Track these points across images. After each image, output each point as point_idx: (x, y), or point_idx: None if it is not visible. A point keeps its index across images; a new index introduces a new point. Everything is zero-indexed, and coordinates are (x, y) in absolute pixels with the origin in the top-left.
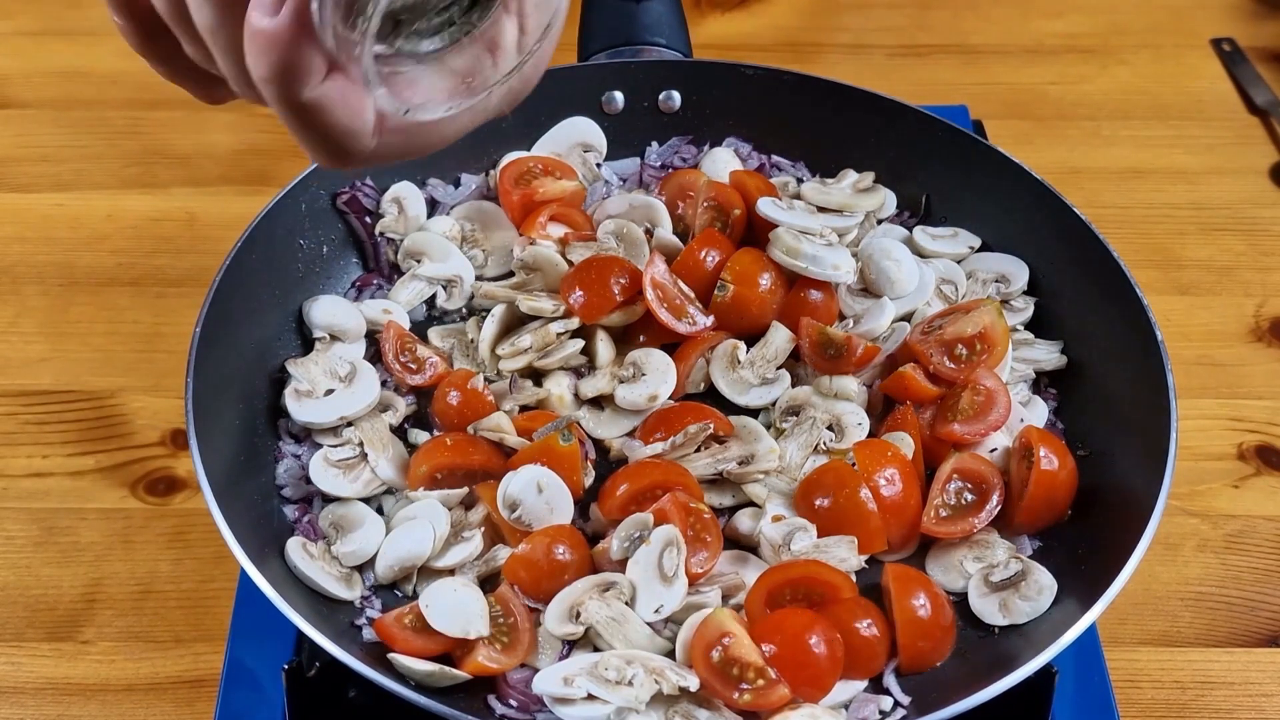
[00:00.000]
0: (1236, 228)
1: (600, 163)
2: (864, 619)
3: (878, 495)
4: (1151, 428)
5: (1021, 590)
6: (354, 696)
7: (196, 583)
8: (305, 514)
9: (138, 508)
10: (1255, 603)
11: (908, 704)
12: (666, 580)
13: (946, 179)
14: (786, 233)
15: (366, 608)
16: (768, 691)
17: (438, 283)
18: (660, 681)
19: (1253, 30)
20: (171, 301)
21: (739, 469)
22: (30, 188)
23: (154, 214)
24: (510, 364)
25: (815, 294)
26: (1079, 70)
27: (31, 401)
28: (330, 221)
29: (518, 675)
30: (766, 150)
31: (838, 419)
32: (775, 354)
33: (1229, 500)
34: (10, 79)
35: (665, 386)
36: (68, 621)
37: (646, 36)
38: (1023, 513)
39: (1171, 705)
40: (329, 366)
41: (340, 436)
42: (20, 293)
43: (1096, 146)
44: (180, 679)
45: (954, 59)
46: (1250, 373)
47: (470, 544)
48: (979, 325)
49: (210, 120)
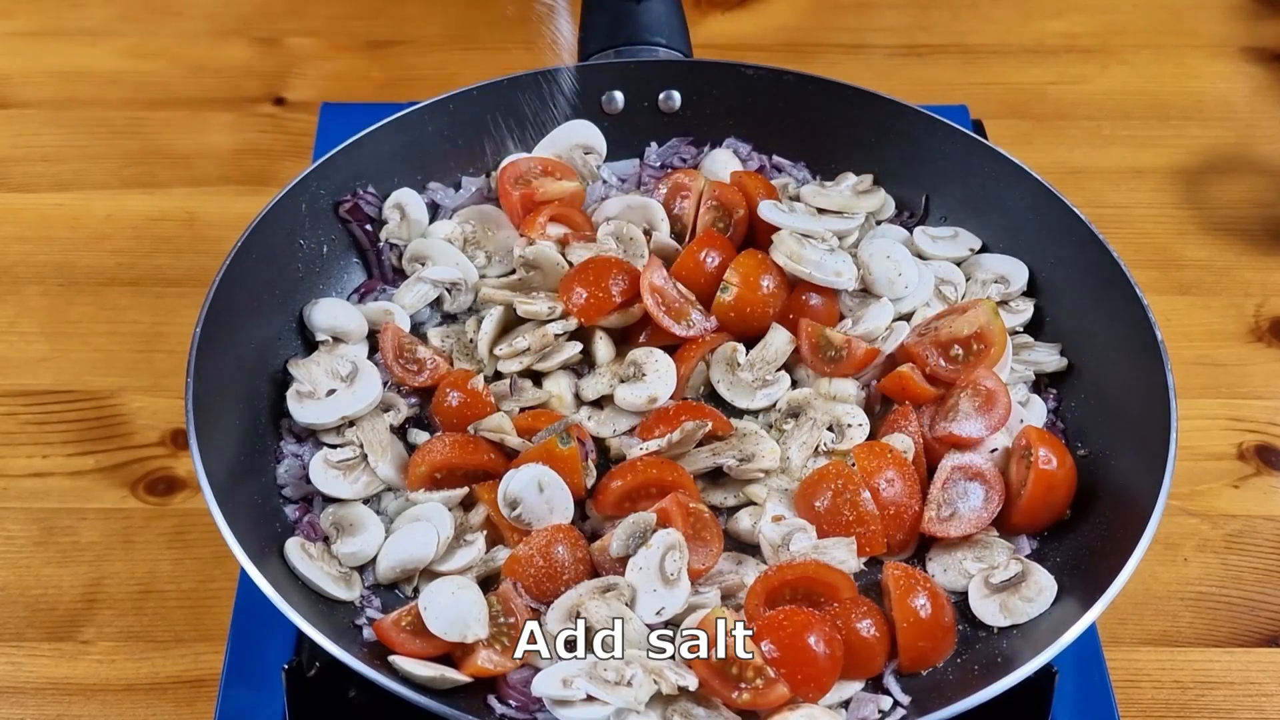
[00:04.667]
0: (1236, 228)
1: (600, 164)
2: (864, 619)
3: (877, 497)
4: (1151, 428)
5: (1021, 591)
6: (354, 696)
7: (196, 583)
8: (305, 514)
9: (138, 508)
10: (1255, 603)
11: (907, 704)
12: (669, 583)
13: (946, 179)
14: (790, 236)
15: (366, 607)
16: (767, 691)
17: (442, 286)
18: (659, 681)
19: (1253, 30)
20: (171, 301)
21: (739, 465)
22: (30, 188)
23: (154, 214)
24: (509, 365)
25: (816, 298)
26: (1079, 70)
27: (31, 401)
28: (330, 221)
29: (518, 675)
30: (766, 150)
31: (837, 420)
32: (775, 356)
33: (1229, 500)
34: (10, 79)
35: (665, 388)
36: (68, 621)
37: (646, 36)
38: (1022, 512)
39: (1171, 705)
40: (330, 367)
41: (342, 436)
42: (20, 293)
43: (1096, 146)
44: (180, 679)
45: (954, 59)
46: (1250, 373)
47: (474, 547)
48: (975, 325)
49: (210, 120)
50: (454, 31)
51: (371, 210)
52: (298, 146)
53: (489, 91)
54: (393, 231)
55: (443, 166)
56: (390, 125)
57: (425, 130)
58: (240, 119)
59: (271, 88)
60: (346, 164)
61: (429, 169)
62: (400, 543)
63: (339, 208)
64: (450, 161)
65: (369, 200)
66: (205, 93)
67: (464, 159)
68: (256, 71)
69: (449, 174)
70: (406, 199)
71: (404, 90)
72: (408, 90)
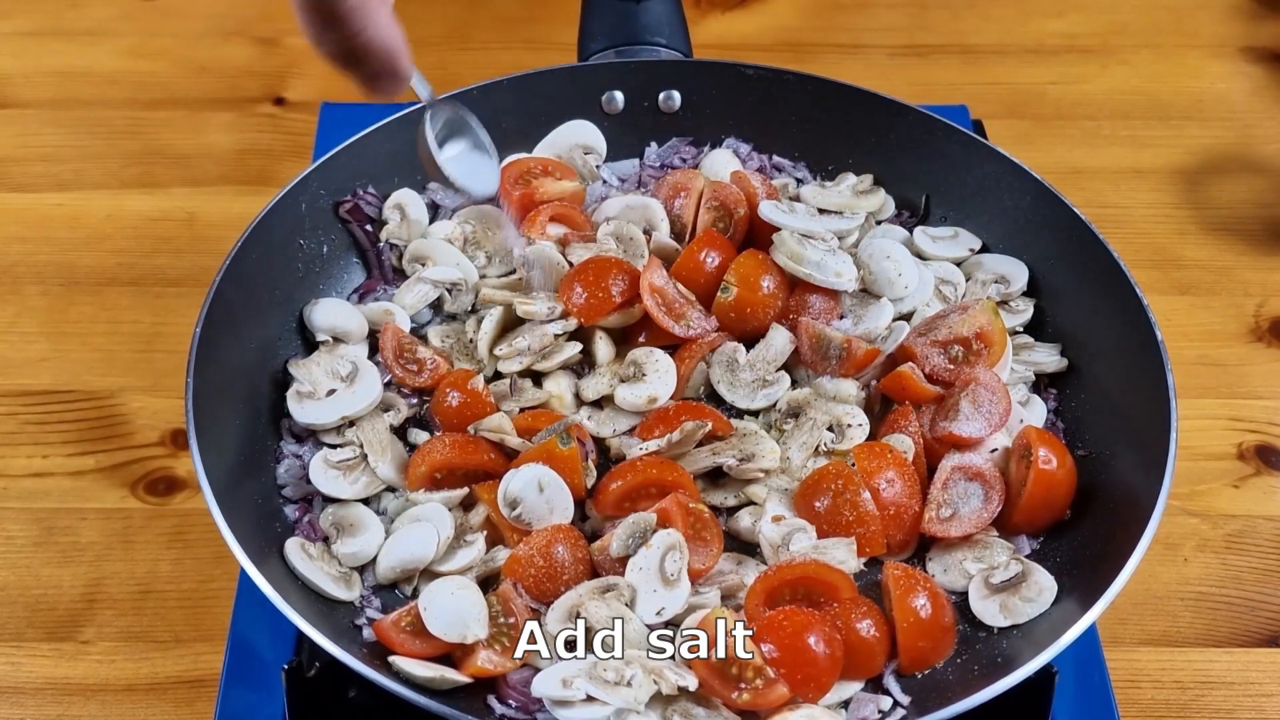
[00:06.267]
0: (1236, 228)
1: (600, 164)
2: (864, 619)
3: (877, 497)
4: (1151, 427)
5: (1021, 591)
6: (354, 696)
7: (196, 583)
8: (305, 514)
9: (138, 508)
10: (1255, 603)
11: (907, 704)
12: (669, 583)
13: (946, 179)
14: (791, 237)
15: (366, 607)
16: (766, 691)
17: (442, 286)
18: (659, 682)
19: (1253, 30)
20: (171, 301)
21: (739, 465)
22: (30, 188)
23: (154, 214)
24: (509, 365)
25: (816, 299)
26: (1079, 70)
27: (31, 401)
28: (330, 221)
29: (518, 675)
30: (766, 151)
31: (837, 420)
32: (775, 356)
33: (1229, 500)
34: (10, 79)
35: (665, 388)
36: (68, 621)
37: (646, 36)
38: (1022, 512)
39: (1171, 705)
40: (330, 367)
41: (342, 436)
42: (20, 293)
43: (1096, 146)
44: (180, 679)
45: (954, 59)
46: (1250, 373)
47: (474, 548)
48: (975, 326)
49: (210, 120)
50: (454, 31)
51: (372, 210)
52: (298, 146)
53: (489, 91)
54: (393, 232)
55: None
56: (390, 125)
57: None
58: (240, 119)
59: (271, 88)
60: (346, 164)
61: None
62: (400, 543)
63: (339, 208)
64: None
65: (369, 200)
66: (205, 93)
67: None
68: (256, 71)
69: None
70: (406, 199)
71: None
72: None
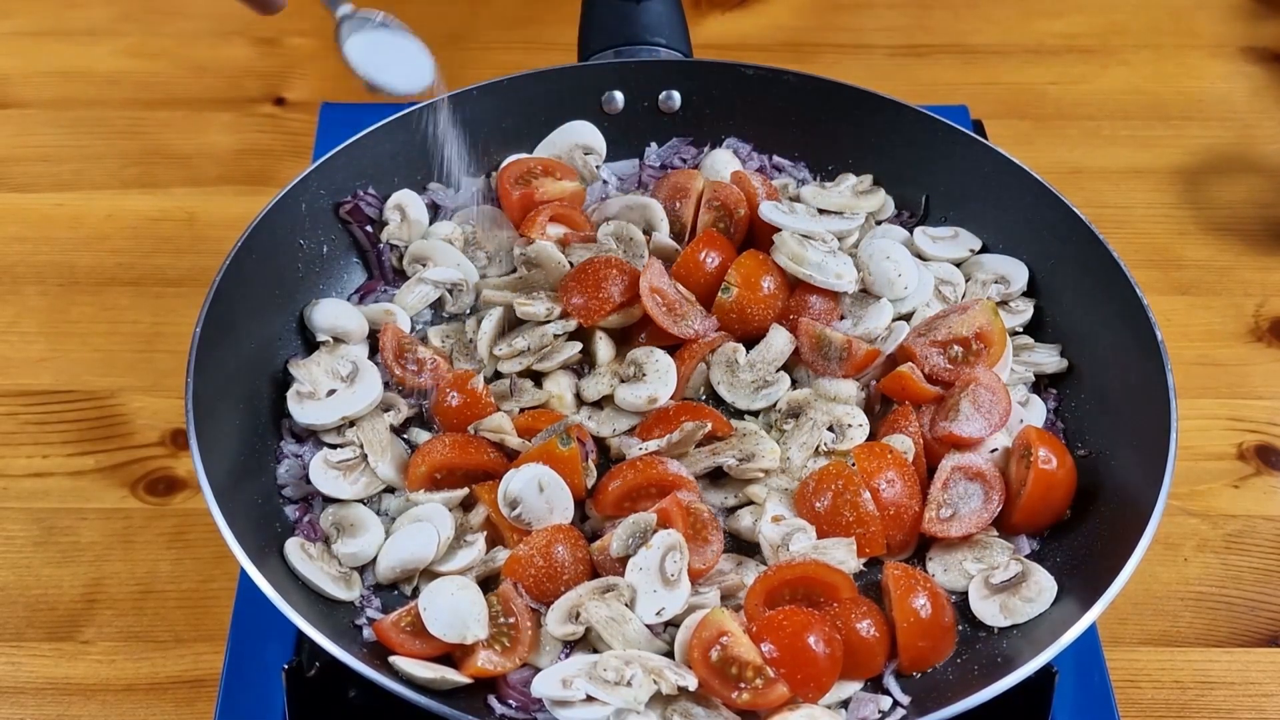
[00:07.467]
0: (1236, 228)
1: (600, 164)
2: (864, 619)
3: (877, 497)
4: (1151, 428)
5: (1021, 591)
6: (354, 696)
7: (196, 583)
8: (306, 514)
9: (138, 508)
10: (1255, 603)
11: (907, 704)
12: (669, 583)
13: (946, 179)
14: (791, 238)
15: (366, 608)
16: (766, 691)
17: (443, 286)
18: (659, 681)
19: (1253, 30)
20: (171, 301)
21: (739, 465)
22: (30, 188)
23: (154, 214)
24: (509, 365)
25: (816, 299)
26: (1079, 70)
27: (31, 401)
28: (330, 222)
29: (518, 675)
30: (766, 151)
31: (837, 420)
32: (775, 356)
33: (1229, 500)
34: (10, 79)
35: (665, 389)
36: (68, 621)
37: (646, 36)
38: (1021, 512)
39: (1171, 705)
40: (331, 367)
41: (342, 436)
42: (20, 293)
43: (1096, 146)
44: (180, 679)
45: (954, 59)
46: (1250, 373)
47: (474, 548)
48: (974, 326)
49: (210, 120)
50: (454, 31)
51: (372, 211)
52: (298, 146)
53: (489, 91)
54: (393, 233)
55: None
56: (390, 125)
57: (425, 131)
58: (240, 119)
59: (271, 88)
60: (346, 164)
61: (429, 171)
62: (400, 543)
63: (339, 209)
64: (450, 163)
65: (369, 201)
66: (205, 93)
67: (464, 160)
68: (256, 71)
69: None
70: (407, 200)
71: None
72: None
